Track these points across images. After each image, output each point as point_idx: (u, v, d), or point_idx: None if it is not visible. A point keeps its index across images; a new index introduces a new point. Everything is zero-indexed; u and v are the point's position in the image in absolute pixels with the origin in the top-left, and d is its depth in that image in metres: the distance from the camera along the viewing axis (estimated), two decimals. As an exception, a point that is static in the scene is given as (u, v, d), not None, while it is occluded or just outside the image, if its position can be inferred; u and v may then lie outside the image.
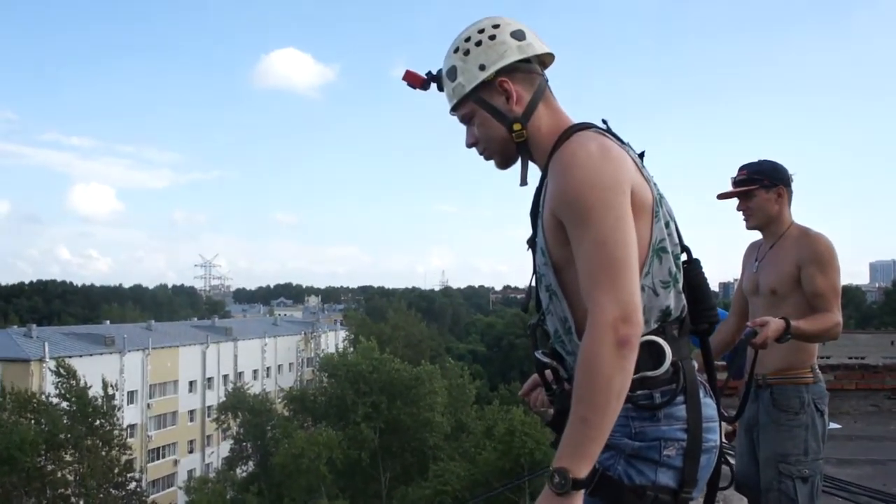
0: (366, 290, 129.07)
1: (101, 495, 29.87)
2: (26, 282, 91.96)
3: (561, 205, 1.72)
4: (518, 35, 1.89)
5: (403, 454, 38.15)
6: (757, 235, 3.70)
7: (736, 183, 3.59)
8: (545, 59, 1.95)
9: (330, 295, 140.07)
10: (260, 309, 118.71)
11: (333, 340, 68.91)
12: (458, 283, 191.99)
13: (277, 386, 54.21)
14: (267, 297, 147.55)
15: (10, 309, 78.57)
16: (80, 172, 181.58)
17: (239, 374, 56.79)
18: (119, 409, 34.79)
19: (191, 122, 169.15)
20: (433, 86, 1.98)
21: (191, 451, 53.26)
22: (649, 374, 1.73)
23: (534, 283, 1.92)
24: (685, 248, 1.89)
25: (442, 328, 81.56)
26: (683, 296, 1.84)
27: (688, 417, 1.75)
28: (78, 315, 78.32)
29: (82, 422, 30.76)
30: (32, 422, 29.89)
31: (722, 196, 3.63)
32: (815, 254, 3.38)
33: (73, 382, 31.98)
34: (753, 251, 3.71)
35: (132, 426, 44.55)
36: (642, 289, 1.70)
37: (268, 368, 63.76)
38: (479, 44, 1.88)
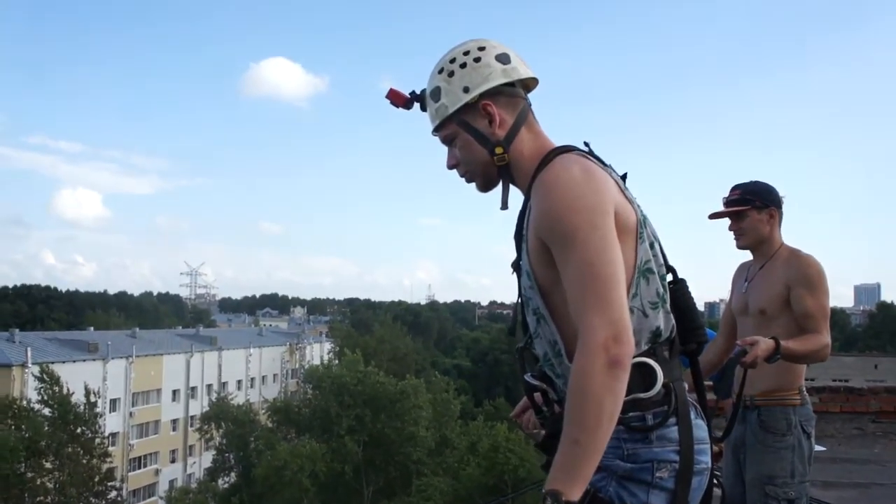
0: (352, 303, 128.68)
1: (81, 504, 29.60)
2: (10, 286, 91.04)
3: (545, 227, 1.72)
4: (503, 59, 1.88)
5: (387, 468, 37.94)
6: (747, 255, 3.72)
7: (728, 203, 3.61)
8: (529, 84, 1.95)
9: (316, 306, 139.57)
10: (245, 319, 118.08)
11: (318, 352, 68.58)
12: (444, 297, 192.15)
13: (261, 397, 53.81)
14: (252, 307, 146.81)
15: (-8, 313, 77.78)
16: (67, 177, 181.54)
17: (223, 384, 56.45)
18: (101, 416, 34.34)
19: (179, 129, 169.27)
20: (416, 105, 1.97)
21: (173, 461, 52.76)
22: (641, 395, 1.72)
23: (519, 307, 1.92)
24: (670, 269, 1.89)
25: (427, 342, 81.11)
26: (672, 316, 1.84)
27: (680, 439, 1.74)
28: (62, 321, 77.54)
29: (63, 429, 30.41)
30: (13, 428, 29.59)
31: (714, 216, 3.65)
32: (804, 275, 3.40)
33: (56, 389, 31.62)
34: (743, 271, 3.72)
35: (114, 434, 44.08)
36: (631, 311, 1.69)
37: (252, 379, 63.42)
38: (463, 66, 1.88)
